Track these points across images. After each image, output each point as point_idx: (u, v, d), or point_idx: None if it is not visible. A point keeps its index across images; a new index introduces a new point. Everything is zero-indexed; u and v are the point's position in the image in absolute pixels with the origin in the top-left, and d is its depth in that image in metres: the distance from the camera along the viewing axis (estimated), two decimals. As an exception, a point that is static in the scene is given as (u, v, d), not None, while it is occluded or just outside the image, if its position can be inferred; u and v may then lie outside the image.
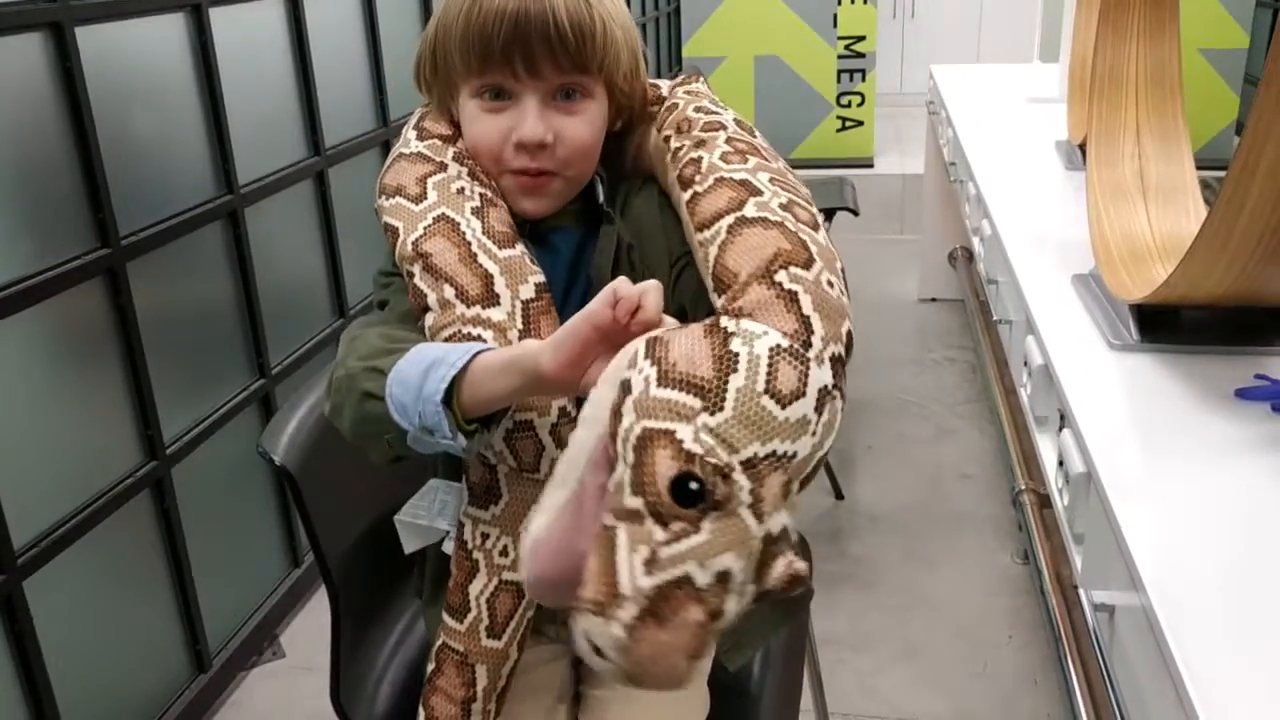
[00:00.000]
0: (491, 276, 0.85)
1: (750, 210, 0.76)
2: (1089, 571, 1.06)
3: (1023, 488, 1.84)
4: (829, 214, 2.48)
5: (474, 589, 0.90)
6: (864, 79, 4.76)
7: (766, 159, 0.85)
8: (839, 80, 4.76)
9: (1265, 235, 1.03)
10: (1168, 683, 0.80)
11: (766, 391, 0.60)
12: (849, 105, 4.79)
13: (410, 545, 0.91)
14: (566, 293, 0.93)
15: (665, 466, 0.57)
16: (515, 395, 0.78)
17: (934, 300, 3.67)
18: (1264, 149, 0.97)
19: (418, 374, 0.77)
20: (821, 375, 0.63)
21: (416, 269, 0.87)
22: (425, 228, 0.87)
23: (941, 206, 3.41)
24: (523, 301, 0.85)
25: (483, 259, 0.86)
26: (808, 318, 0.66)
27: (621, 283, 0.69)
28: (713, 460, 0.58)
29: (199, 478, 1.82)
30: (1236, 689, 0.76)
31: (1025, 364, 1.40)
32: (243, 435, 1.97)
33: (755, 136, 0.89)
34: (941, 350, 3.30)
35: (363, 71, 2.36)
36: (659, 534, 0.57)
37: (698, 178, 0.82)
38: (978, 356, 3.09)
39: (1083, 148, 2.07)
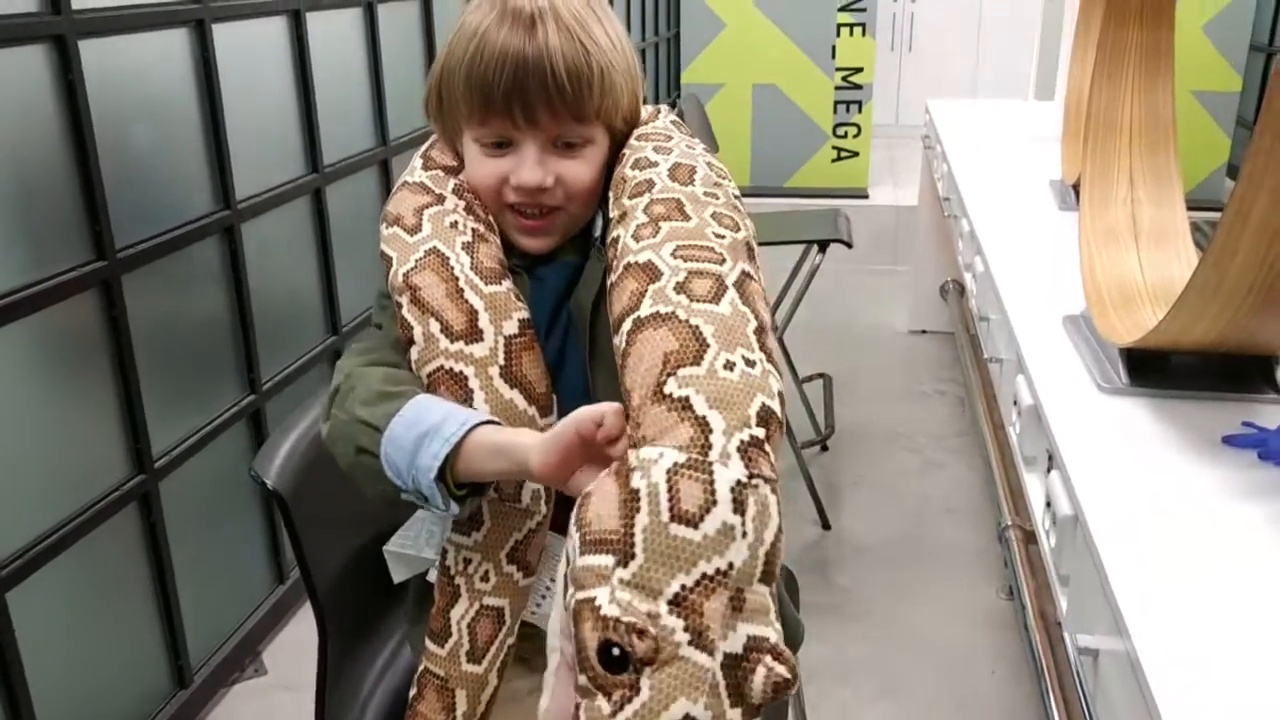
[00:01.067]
0: (476, 312, 0.87)
1: (645, 307, 0.74)
2: (1074, 614, 1.06)
3: (1009, 524, 1.85)
4: (822, 246, 2.50)
5: (455, 614, 0.91)
6: (860, 110, 4.79)
7: (687, 215, 0.82)
8: (835, 111, 4.79)
9: (1256, 284, 1.04)
10: (1151, 729, 0.80)
11: (674, 519, 0.59)
12: (845, 136, 4.82)
13: (399, 575, 0.92)
14: (551, 323, 0.94)
15: (591, 639, 0.58)
16: (503, 476, 0.80)
17: (924, 332, 3.68)
18: (1256, 199, 0.98)
19: (412, 440, 0.80)
20: (730, 473, 0.62)
21: (405, 300, 0.89)
22: (416, 260, 0.89)
23: (934, 239, 3.43)
24: (505, 337, 0.87)
25: (469, 294, 0.87)
26: (703, 419, 0.65)
27: (611, 411, 0.69)
28: (629, 618, 0.57)
29: (186, 492, 1.82)
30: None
31: (1015, 403, 1.40)
32: (232, 451, 1.97)
33: (691, 180, 0.86)
34: (931, 383, 3.31)
35: (363, 90, 2.37)
36: (605, 707, 0.57)
37: (613, 263, 0.81)
38: (967, 390, 3.11)
39: (1076, 188, 2.09)
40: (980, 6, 5.98)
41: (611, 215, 0.87)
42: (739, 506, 0.61)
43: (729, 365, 0.69)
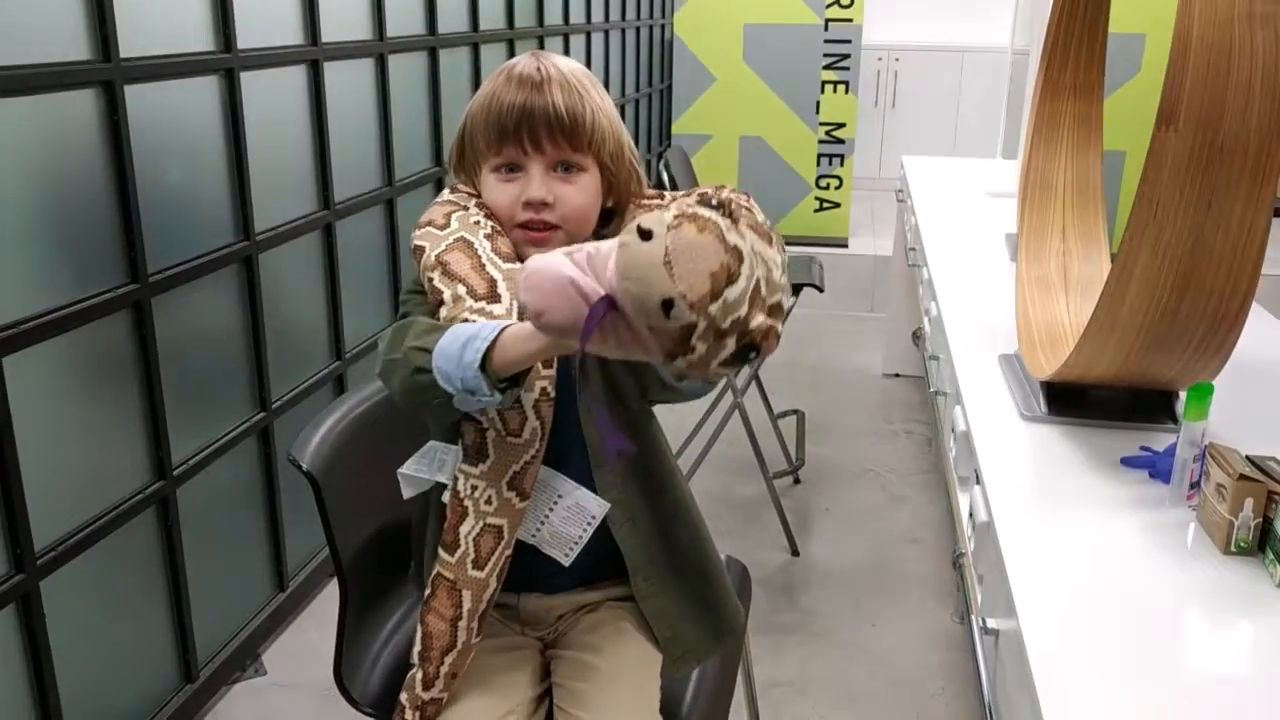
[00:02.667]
0: (496, 281, 1.07)
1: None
2: (985, 603, 1.23)
3: (963, 551, 2.01)
4: (796, 290, 2.68)
5: (464, 529, 1.09)
6: (842, 163, 5.01)
7: None
8: (819, 163, 5.00)
9: (1144, 327, 1.22)
10: (1027, 696, 0.96)
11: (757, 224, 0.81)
12: (827, 187, 5.04)
13: (408, 493, 1.11)
14: None
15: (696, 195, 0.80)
16: (540, 355, 0.96)
17: (897, 376, 3.86)
18: (1139, 255, 1.16)
19: (457, 348, 0.96)
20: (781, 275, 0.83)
21: (436, 274, 1.09)
22: (446, 245, 1.10)
23: (907, 287, 3.61)
24: (520, 303, 1.05)
25: (490, 268, 1.08)
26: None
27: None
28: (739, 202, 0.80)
29: (200, 500, 1.97)
30: (1084, 703, 0.93)
31: (952, 430, 1.58)
32: (242, 463, 2.13)
33: None
34: (900, 423, 3.48)
35: (373, 134, 2.56)
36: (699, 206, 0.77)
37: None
38: (933, 430, 3.28)
39: (1026, 242, 2.27)
40: (961, 67, 6.25)
41: None
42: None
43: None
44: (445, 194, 1.18)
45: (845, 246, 4.95)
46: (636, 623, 1.20)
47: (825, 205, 5.05)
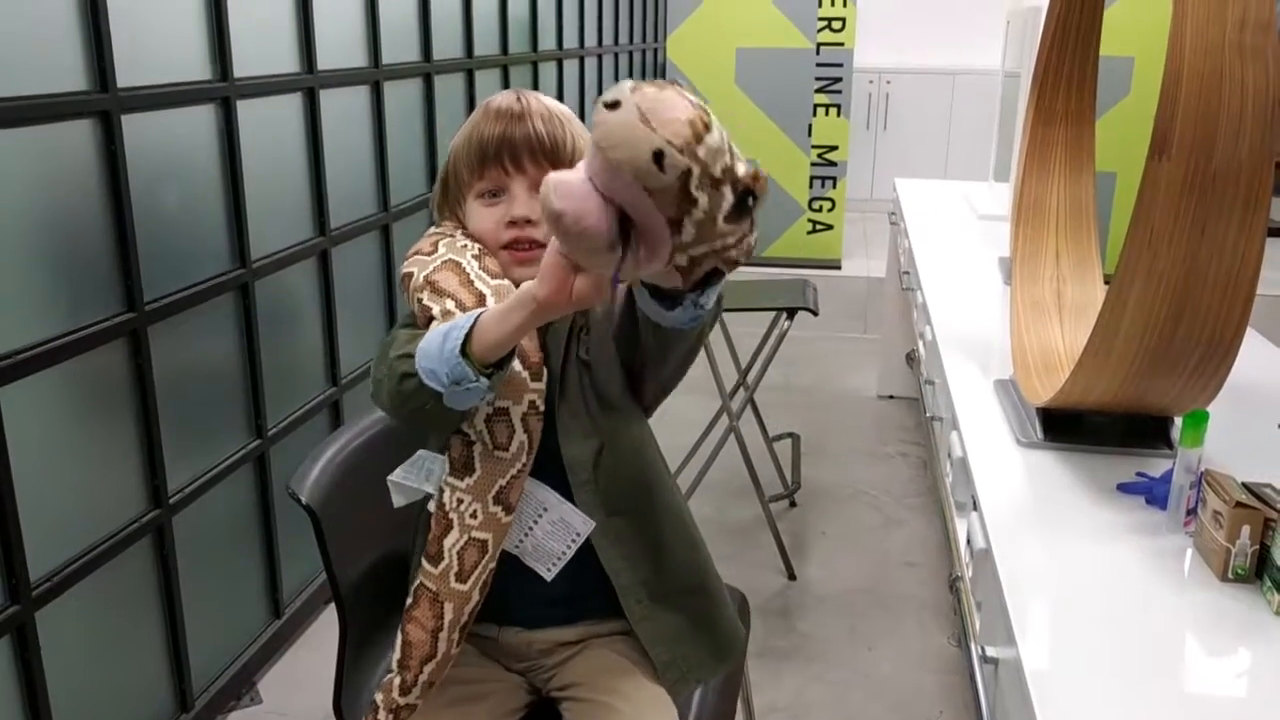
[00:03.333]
0: (484, 295, 1.09)
1: None
2: (984, 630, 1.23)
3: (960, 575, 2.01)
4: (790, 313, 2.68)
5: (448, 542, 1.10)
6: (835, 186, 5.04)
7: None
8: (811, 186, 5.03)
9: (1139, 353, 1.23)
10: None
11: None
12: (820, 210, 5.06)
13: (398, 501, 1.12)
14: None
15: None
16: (520, 331, 0.96)
17: (891, 398, 3.87)
18: (1134, 282, 1.17)
19: (437, 343, 0.98)
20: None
21: (425, 293, 1.11)
22: (435, 267, 1.12)
23: (901, 309, 3.62)
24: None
25: (478, 284, 1.10)
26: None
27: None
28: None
29: (195, 528, 1.97)
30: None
31: (948, 456, 1.58)
32: (237, 491, 2.12)
33: None
34: (895, 445, 3.48)
35: (368, 161, 2.57)
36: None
37: None
38: (928, 452, 3.28)
39: (1019, 265, 2.28)
40: (952, 89, 6.29)
41: None
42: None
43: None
44: (431, 228, 1.20)
45: (838, 268, 4.97)
46: (638, 657, 1.19)
47: (818, 227, 5.08)
